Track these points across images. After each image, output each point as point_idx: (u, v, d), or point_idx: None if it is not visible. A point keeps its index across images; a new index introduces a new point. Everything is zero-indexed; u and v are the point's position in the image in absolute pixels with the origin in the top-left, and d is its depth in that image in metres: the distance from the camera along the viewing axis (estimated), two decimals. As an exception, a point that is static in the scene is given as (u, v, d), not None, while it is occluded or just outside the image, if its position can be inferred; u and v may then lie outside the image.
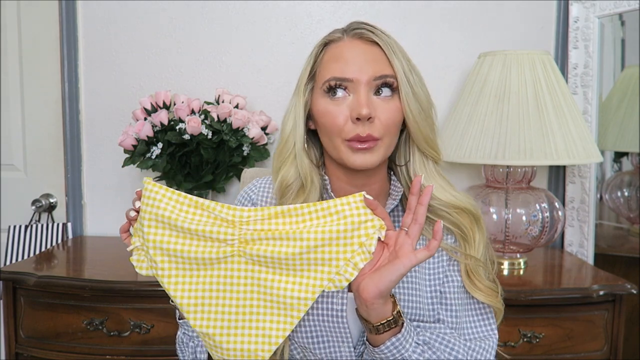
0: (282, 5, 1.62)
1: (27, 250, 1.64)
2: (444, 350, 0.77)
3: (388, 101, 0.79)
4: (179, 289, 0.72)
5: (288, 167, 0.83)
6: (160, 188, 0.72)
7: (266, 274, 0.71)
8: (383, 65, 0.78)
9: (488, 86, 1.35)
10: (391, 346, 0.72)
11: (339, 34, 0.82)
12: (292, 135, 0.83)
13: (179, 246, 0.71)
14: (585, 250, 1.57)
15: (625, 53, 1.69)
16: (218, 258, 0.71)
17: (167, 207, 0.71)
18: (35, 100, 1.73)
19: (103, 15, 1.64)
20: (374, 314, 0.70)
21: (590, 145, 1.34)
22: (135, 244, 0.74)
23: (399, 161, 0.87)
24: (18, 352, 1.31)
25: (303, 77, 0.83)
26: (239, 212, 0.71)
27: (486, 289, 0.81)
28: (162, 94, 1.48)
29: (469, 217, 0.82)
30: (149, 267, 0.73)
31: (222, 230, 0.70)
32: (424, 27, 1.62)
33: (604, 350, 1.26)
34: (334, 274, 0.69)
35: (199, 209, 0.71)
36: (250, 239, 0.70)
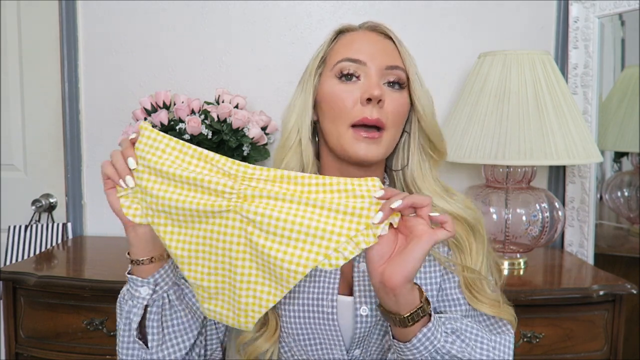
0: (282, 5, 1.62)
1: (27, 250, 1.64)
2: (469, 337, 0.72)
3: (396, 92, 0.79)
4: (174, 239, 0.69)
5: (290, 157, 0.82)
6: (160, 135, 0.70)
7: (258, 238, 0.65)
8: (394, 57, 0.80)
9: (488, 86, 1.35)
10: (423, 338, 0.67)
11: (354, 25, 0.84)
12: (296, 124, 0.82)
13: (174, 195, 0.67)
14: (585, 250, 1.57)
15: (625, 53, 1.69)
16: (213, 212, 0.66)
17: (167, 156, 0.69)
18: (35, 100, 1.73)
19: (103, 15, 1.64)
20: (403, 302, 0.64)
21: (590, 145, 1.34)
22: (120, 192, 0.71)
23: (396, 165, 0.86)
24: (18, 352, 1.31)
25: (314, 63, 0.83)
26: (243, 167, 0.67)
27: (490, 301, 0.78)
28: (162, 94, 1.48)
29: (463, 226, 0.79)
30: (143, 215, 0.71)
31: (222, 181, 0.66)
32: (424, 27, 1.62)
33: (604, 350, 1.26)
34: (331, 250, 0.63)
35: (202, 160, 0.68)
36: (251, 195, 0.65)
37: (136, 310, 0.76)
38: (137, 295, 0.76)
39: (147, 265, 0.76)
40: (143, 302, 0.76)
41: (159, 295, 0.77)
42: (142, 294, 0.76)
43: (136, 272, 0.77)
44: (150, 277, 0.76)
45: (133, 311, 0.77)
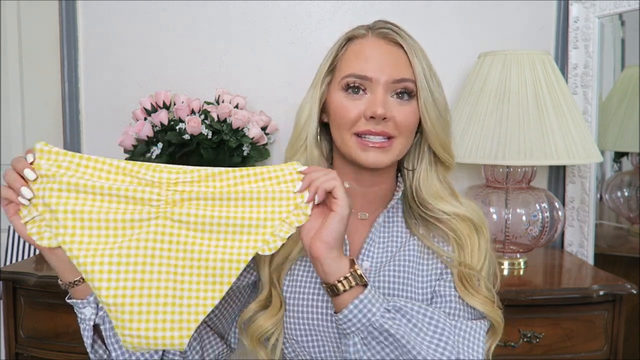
0: (282, 5, 1.62)
1: (27, 250, 1.64)
2: (422, 319, 0.71)
3: (404, 104, 0.79)
4: (89, 255, 0.62)
5: (298, 157, 0.83)
6: (62, 152, 0.65)
7: (194, 238, 0.64)
8: (403, 68, 0.78)
9: (488, 86, 1.35)
10: (355, 309, 0.68)
11: (363, 31, 0.82)
12: (305, 126, 0.83)
13: (95, 208, 0.63)
14: (585, 250, 1.57)
15: (625, 53, 1.69)
16: (140, 219, 0.63)
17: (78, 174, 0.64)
18: (35, 100, 1.73)
19: (103, 15, 1.64)
20: (329, 270, 0.68)
21: (590, 145, 1.34)
22: (26, 216, 0.65)
23: (408, 165, 0.86)
24: (18, 352, 1.31)
25: (322, 70, 0.83)
26: (166, 173, 0.65)
27: (482, 297, 0.79)
28: (162, 94, 1.48)
29: (469, 226, 0.81)
30: (52, 237, 0.64)
31: (147, 189, 0.64)
32: (424, 27, 1.62)
33: (604, 350, 1.26)
34: (268, 235, 0.65)
35: (120, 174, 0.65)
36: (179, 199, 0.64)
37: (87, 333, 0.76)
38: (83, 317, 0.75)
39: (81, 285, 0.74)
40: (90, 322, 0.75)
41: (104, 312, 0.75)
42: (86, 315, 0.75)
43: (74, 295, 0.75)
44: (89, 295, 0.74)
45: (84, 334, 0.76)
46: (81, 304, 0.75)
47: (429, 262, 0.83)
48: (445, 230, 0.82)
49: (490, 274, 0.83)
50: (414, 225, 0.85)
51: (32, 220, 0.65)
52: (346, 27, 0.86)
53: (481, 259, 0.80)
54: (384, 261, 0.83)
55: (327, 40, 0.85)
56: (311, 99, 0.83)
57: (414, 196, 0.84)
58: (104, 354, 0.78)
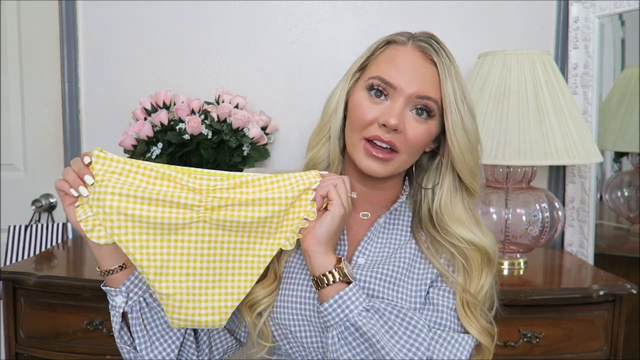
0: (282, 5, 1.62)
1: (27, 250, 1.64)
2: (400, 323, 0.74)
3: (421, 122, 0.78)
4: (143, 252, 0.74)
5: (320, 147, 0.85)
6: (116, 158, 0.74)
7: (229, 237, 0.76)
8: (431, 87, 0.78)
9: (488, 86, 1.35)
10: (334, 303, 0.72)
11: (404, 38, 0.82)
12: (330, 119, 0.84)
13: (144, 212, 0.72)
14: (585, 250, 1.57)
15: (625, 53, 1.69)
16: (184, 224, 0.74)
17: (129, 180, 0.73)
18: (35, 100, 1.73)
19: (103, 15, 1.64)
20: (315, 262, 0.74)
21: (590, 145, 1.34)
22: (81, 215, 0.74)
23: (426, 184, 0.86)
24: (18, 352, 1.31)
25: (355, 65, 0.85)
26: (205, 181, 0.74)
27: (480, 327, 0.79)
28: (162, 94, 1.48)
29: (481, 256, 0.81)
30: (107, 236, 0.74)
31: (190, 195, 0.73)
32: (424, 27, 1.59)
33: (604, 350, 1.26)
34: (289, 232, 0.76)
35: (165, 180, 0.74)
36: (217, 206, 0.74)
37: (116, 319, 0.80)
38: (114, 304, 0.80)
39: (117, 274, 0.79)
40: (120, 310, 0.80)
41: (134, 301, 0.80)
42: (117, 302, 0.80)
43: (109, 283, 0.81)
44: (122, 285, 0.79)
45: (114, 320, 0.81)
46: (114, 292, 0.80)
47: (423, 266, 0.83)
48: (456, 255, 0.81)
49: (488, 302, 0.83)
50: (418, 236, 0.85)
51: (86, 219, 0.74)
52: (346, 27, 0.86)
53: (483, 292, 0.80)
54: (379, 260, 0.83)
55: (327, 40, 0.85)
56: (340, 92, 0.85)
57: (431, 217, 0.84)
58: (128, 340, 0.82)
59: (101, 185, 0.72)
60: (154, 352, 0.81)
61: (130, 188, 0.72)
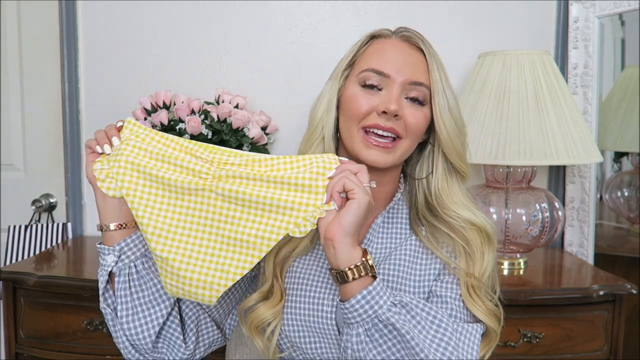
0: (282, 5, 1.62)
1: (27, 250, 1.64)
2: (426, 317, 0.72)
3: (417, 107, 0.80)
4: (147, 211, 0.73)
5: (313, 150, 0.84)
6: (145, 128, 0.78)
7: (234, 212, 0.72)
8: (421, 73, 0.80)
9: (488, 86, 1.35)
10: (362, 300, 0.68)
11: (388, 32, 0.84)
12: (322, 120, 0.84)
13: (155, 168, 0.74)
14: (585, 250, 1.57)
15: (625, 53, 1.69)
16: (189, 189, 0.73)
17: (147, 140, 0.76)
18: (35, 100, 1.73)
19: (103, 15, 1.64)
20: (340, 255, 0.68)
21: (590, 145, 1.34)
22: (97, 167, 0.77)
23: (420, 174, 0.87)
24: (18, 352, 1.31)
25: (342, 64, 0.85)
26: (219, 154, 0.74)
27: (487, 310, 0.79)
28: (162, 94, 1.48)
29: (481, 237, 0.82)
30: (117, 188, 0.75)
31: (200, 163, 0.73)
32: (424, 27, 1.59)
33: (604, 350, 1.26)
34: (300, 219, 0.70)
35: (182, 151, 0.75)
36: (225, 176, 0.72)
37: (102, 278, 0.79)
38: (104, 263, 0.79)
39: (114, 231, 0.78)
40: (108, 269, 0.78)
41: (125, 264, 0.78)
42: (107, 261, 0.78)
43: (104, 241, 0.79)
44: (116, 244, 0.78)
45: (100, 279, 0.79)
46: (107, 250, 0.79)
47: (426, 261, 0.83)
48: (456, 239, 0.81)
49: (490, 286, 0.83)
50: (418, 230, 0.85)
51: (101, 169, 0.77)
52: (346, 27, 0.86)
53: (487, 273, 0.81)
54: (380, 259, 0.83)
55: (327, 40, 0.85)
56: (329, 90, 0.84)
57: (429, 201, 0.84)
58: (112, 304, 0.80)
59: (122, 142, 0.76)
60: (134, 322, 0.78)
61: (148, 147, 0.75)
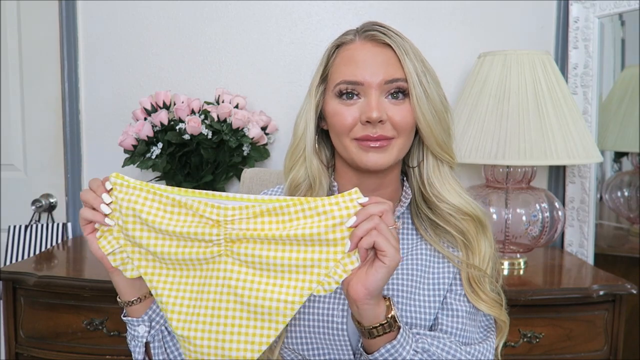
0: (282, 5, 1.62)
1: (27, 250, 1.64)
2: (445, 357, 0.74)
3: (400, 104, 0.78)
4: (167, 287, 0.71)
5: (299, 168, 0.83)
6: (134, 186, 0.70)
7: (253, 276, 0.67)
8: (394, 69, 0.78)
9: (488, 86, 1.35)
10: (386, 353, 0.69)
11: (351, 36, 0.82)
12: (303, 137, 0.83)
13: (165, 248, 0.69)
14: (585, 250, 1.57)
15: (625, 53, 1.69)
16: (206, 259, 0.69)
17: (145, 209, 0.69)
18: (35, 100, 1.73)
19: (103, 15, 1.64)
20: (365, 315, 0.67)
21: (590, 145, 1.34)
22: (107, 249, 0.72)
23: (412, 162, 0.86)
24: (18, 352, 1.31)
25: (315, 80, 0.83)
26: (223, 210, 0.67)
27: (490, 300, 0.79)
28: (162, 94, 1.48)
29: (475, 225, 0.82)
30: (134, 268, 0.73)
31: (207, 230, 0.68)
32: (424, 27, 1.62)
33: (604, 350, 1.26)
34: (323, 276, 0.66)
35: (182, 208, 0.69)
36: (237, 239, 0.67)
37: (138, 350, 0.80)
38: (136, 334, 0.80)
39: (138, 305, 0.79)
40: (142, 340, 0.79)
41: (156, 330, 0.80)
42: (140, 332, 0.79)
43: (130, 313, 0.80)
44: (144, 314, 0.79)
45: (136, 350, 0.80)
46: (136, 322, 0.79)
47: (440, 266, 0.82)
48: (453, 232, 0.81)
49: (494, 274, 0.83)
50: (424, 231, 0.84)
51: (113, 252, 0.73)
52: (346, 27, 0.86)
53: (487, 260, 0.81)
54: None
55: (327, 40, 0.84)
56: (307, 108, 0.83)
57: (422, 192, 0.84)
58: None
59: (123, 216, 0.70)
60: None
61: (148, 219, 0.69)
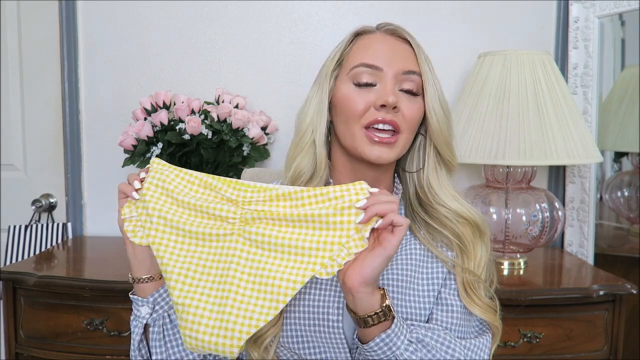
0: (282, 5, 1.62)
1: (27, 250, 1.64)
2: (440, 348, 0.74)
3: (411, 99, 0.79)
4: (172, 259, 0.72)
5: (302, 157, 0.82)
6: (170, 167, 0.76)
7: (260, 256, 0.70)
8: (411, 62, 0.80)
9: (488, 86, 1.35)
10: (381, 342, 0.69)
11: (370, 27, 0.84)
12: (311, 124, 0.82)
13: (183, 217, 0.73)
14: (585, 250, 1.57)
15: (625, 53, 1.69)
16: (218, 234, 0.72)
17: (174, 183, 0.74)
18: (35, 100, 1.73)
19: (103, 15, 1.64)
20: (360, 304, 0.68)
21: (590, 145, 1.34)
22: (126, 214, 0.76)
23: (410, 167, 0.86)
24: (18, 352, 1.31)
25: (330, 64, 0.83)
26: (242, 192, 0.72)
27: (484, 305, 0.80)
28: (162, 94, 1.48)
29: (472, 230, 0.82)
30: (143, 236, 0.75)
31: (225, 208, 0.72)
32: (424, 27, 1.62)
33: (604, 350, 1.26)
34: (327, 259, 0.67)
35: (207, 188, 0.74)
36: (251, 218, 0.71)
37: (137, 330, 0.80)
38: (138, 314, 0.79)
39: (146, 284, 0.79)
40: (143, 321, 0.79)
41: (159, 315, 0.79)
42: (142, 313, 0.79)
43: (137, 292, 0.80)
44: (150, 296, 0.79)
45: (135, 331, 0.80)
46: (140, 302, 0.79)
47: (433, 264, 0.83)
48: (449, 236, 0.81)
49: (488, 279, 0.83)
50: (416, 230, 0.85)
51: (130, 218, 0.76)
52: (346, 27, 0.86)
53: (482, 265, 0.81)
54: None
55: (327, 40, 0.85)
56: (319, 93, 0.83)
57: (420, 197, 0.84)
58: (146, 354, 0.81)
59: (149, 189, 0.74)
60: None
61: (173, 194, 0.74)
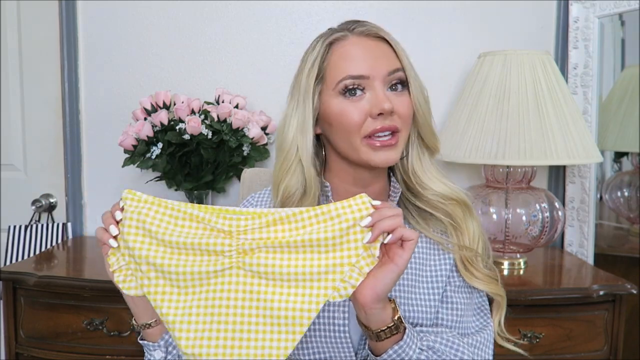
0: (281, 5, 1.62)
1: (27, 250, 1.64)
2: (449, 352, 0.75)
3: (400, 95, 0.79)
4: (172, 306, 0.66)
5: (290, 177, 0.80)
6: (145, 200, 0.68)
7: (266, 287, 0.65)
8: (393, 60, 0.79)
9: (488, 86, 1.35)
10: (394, 354, 0.69)
11: (342, 33, 0.80)
12: (294, 143, 0.80)
13: (173, 260, 0.66)
14: (585, 250, 1.57)
15: (625, 53, 1.69)
16: (215, 271, 0.66)
17: (155, 222, 0.67)
18: (35, 100, 1.73)
19: (103, 15, 1.64)
20: (373, 319, 0.68)
21: (590, 145, 1.34)
22: (114, 265, 0.70)
23: None
24: (18, 352, 1.31)
25: (309, 80, 0.80)
26: (235, 221, 0.66)
27: (485, 277, 0.81)
28: (162, 94, 1.48)
29: (461, 208, 0.83)
30: (138, 287, 0.69)
31: (219, 241, 0.66)
32: (424, 27, 1.62)
33: (604, 350, 1.26)
34: (338, 282, 0.64)
35: (194, 221, 0.67)
36: (249, 249, 0.66)
37: None
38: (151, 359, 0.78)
39: (154, 327, 0.76)
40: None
41: (173, 356, 0.78)
42: (156, 357, 0.77)
43: (145, 337, 0.78)
44: (160, 339, 0.77)
45: None
46: (152, 347, 0.77)
47: (437, 259, 0.84)
48: (441, 217, 0.83)
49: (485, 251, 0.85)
50: (414, 221, 0.85)
51: (119, 269, 0.70)
52: (346, 27, 0.86)
53: (476, 238, 0.83)
54: None
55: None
56: (301, 110, 0.80)
57: (408, 183, 0.85)
58: None
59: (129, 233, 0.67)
60: None
61: (158, 234, 0.66)
